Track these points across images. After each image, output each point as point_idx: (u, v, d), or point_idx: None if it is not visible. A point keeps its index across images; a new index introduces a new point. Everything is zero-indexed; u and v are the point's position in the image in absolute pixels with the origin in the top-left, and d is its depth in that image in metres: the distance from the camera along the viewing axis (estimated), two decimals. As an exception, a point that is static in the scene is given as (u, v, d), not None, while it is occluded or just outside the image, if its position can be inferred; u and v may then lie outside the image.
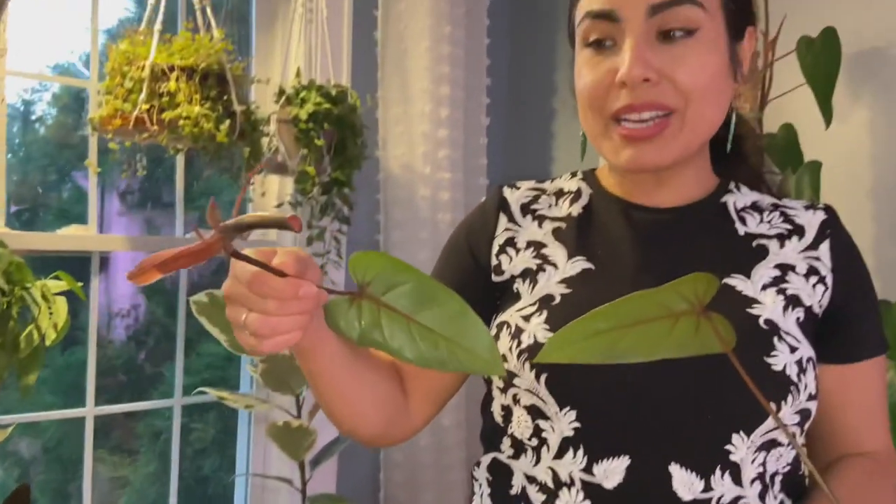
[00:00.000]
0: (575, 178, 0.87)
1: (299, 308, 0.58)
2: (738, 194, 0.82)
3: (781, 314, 0.73)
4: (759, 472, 0.71)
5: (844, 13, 1.62)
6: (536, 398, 0.74)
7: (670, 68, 0.70)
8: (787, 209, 0.81)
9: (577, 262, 0.78)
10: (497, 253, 0.82)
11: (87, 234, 1.68)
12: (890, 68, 1.58)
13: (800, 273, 0.76)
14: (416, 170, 1.92)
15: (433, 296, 0.56)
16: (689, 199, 0.80)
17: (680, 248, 0.78)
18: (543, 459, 0.74)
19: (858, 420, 0.78)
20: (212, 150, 1.47)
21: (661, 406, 0.70)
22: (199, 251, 0.53)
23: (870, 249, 1.59)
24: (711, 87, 0.72)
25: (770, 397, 0.69)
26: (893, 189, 1.57)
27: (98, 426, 1.74)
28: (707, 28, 0.71)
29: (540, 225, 0.83)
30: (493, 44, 2.10)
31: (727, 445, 0.69)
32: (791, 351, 0.71)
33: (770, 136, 1.54)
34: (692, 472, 0.69)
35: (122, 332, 2.08)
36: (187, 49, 1.47)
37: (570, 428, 0.72)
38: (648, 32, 0.71)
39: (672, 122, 0.72)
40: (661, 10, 0.70)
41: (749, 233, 0.79)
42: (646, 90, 0.70)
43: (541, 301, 0.76)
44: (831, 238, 0.79)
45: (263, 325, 0.58)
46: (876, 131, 1.60)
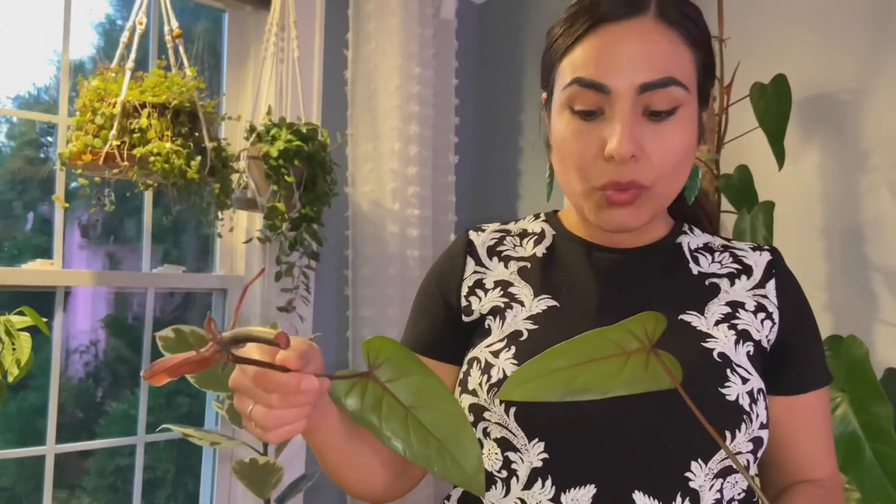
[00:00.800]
0: (538, 219, 0.92)
1: (302, 400, 0.61)
2: (692, 236, 0.88)
3: (733, 348, 0.77)
4: (717, 498, 0.74)
5: (796, 61, 1.70)
6: (506, 430, 0.76)
7: (651, 146, 0.75)
8: (737, 250, 0.86)
9: (542, 300, 0.82)
10: (466, 294, 0.86)
11: (52, 269, 1.67)
12: (839, 113, 1.65)
13: (749, 310, 0.81)
14: (385, 206, 1.95)
15: (435, 395, 0.59)
16: (647, 241, 0.85)
17: (639, 287, 0.82)
18: (513, 490, 0.76)
19: (807, 448, 0.82)
20: (182, 186, 1.48)
21: (625, 436, 0.73)
22: (199, 362, 0.55)
23: (822, 286, 1.64)
24: (681, 164, 0.77)
25: (725, 426, 0.73)
26: (844, 228, 1.63)
27: (57, 465, 1.70)
28: (687, 106, 0.76)
29: (506, 265, 0.86)
30: (461, 84, 2.15)
31: (686, 473, 0.72)
32: (743, 382, 0.75)
33: (726, 177, 1.60)
34: (654, 500, 0.72)
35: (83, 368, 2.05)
36: (159, 86, 1.49)
37: (539, 459, 0.74)
38: (636, 107, 0.74)
39: (642, 194, 0.76)
40: (651, 89, 0.73)
41: (702, 272, 0.84)
42: (629, 167, 0.74)
43: (509, 337, 0.79)
44: (777, 277, 0.84)
45: (268, 417, 0.61)
46: (827, 173, 1.67)
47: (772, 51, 1.75)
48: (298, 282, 1.80)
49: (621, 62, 0.74)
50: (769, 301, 0.82)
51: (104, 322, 1.95)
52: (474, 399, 0.79)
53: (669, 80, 0.74)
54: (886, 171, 1.58)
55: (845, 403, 1.20)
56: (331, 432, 0.72)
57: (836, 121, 1.66)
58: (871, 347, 1.55)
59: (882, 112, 1.59)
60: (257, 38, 1.89)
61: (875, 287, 1.58)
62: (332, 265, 1.99)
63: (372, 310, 1.94)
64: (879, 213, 1.58)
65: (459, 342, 0.85)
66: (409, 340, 0.90)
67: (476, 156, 2.30)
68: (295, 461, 1.84)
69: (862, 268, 1.60)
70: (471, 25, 2.27)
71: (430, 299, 0.89)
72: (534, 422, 0.74)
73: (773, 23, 1.77)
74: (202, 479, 1.92)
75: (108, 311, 2.00)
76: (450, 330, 0.86)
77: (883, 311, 1.56)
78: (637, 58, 0.73)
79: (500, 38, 2.32)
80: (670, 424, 0.72)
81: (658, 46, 0.74)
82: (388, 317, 1.92)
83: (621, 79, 0.73)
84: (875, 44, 1.60)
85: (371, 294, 1.94)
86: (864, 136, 1.62)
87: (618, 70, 0.74)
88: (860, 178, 1.62)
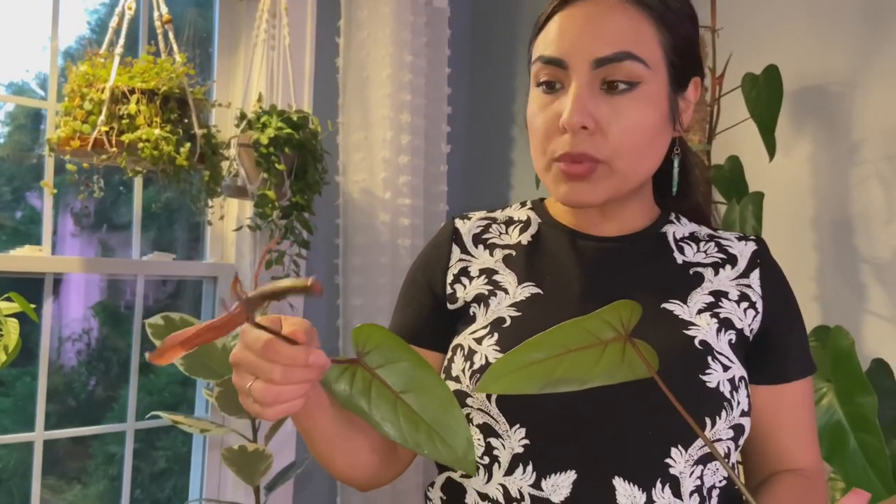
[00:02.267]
0: (524, 207, 0.92)
1: (304, 376, 0.60)
2: (678, 225, 0.88)
3: (715, 336, 0.77)
4: (697, 485, 0.74)
5: (788, 52, 1.70)
6: (488, 417, 0.76)
7: (607, 121, 0.75)
8: (722, 240, 0.86)
9: (526, 287, 0.82)
10: (451, 282, 0.86)
11: (40, 256, 1.66)
12: (830, 104, 1.65)
13: (732, 299, 0.81)
14: (377, 195, 1.94)
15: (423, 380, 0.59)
16: (632, 229, 0.85)
17: (622, 276, 0.82)
18: (495, 477, 0.76)
19: (789, 437, 0.83)
20: (171, 173, 1.48)
21: (605, 422, 0.73)
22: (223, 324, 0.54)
23: (811, 277, 1.65)
24: (642, 143, 0.77)
25: (705, 412, 0.73)
26: (834, 219, 1.64)
27: (48, 451, 1.70)
28: (649, 82, 0.76)
29: (491, 253, 0.87)
30: (453, 73, 2.14)
31: (667, 459, 0.73)
32: (724, 370, 0.75)
33: (717, 168, 1.60)
34: (634, 486, 0.72)
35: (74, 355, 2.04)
36: (148, 72, 1.48)
37: (520, 445, 0.75)
38: (593, 82, 0.76)
39: (599, 169, 0.77)
40: (605, 63, 0.75)
41: (686, 261, 0.84)
42: (582, 139, 0.76)
43: (492, 324, 0.80)
44: (761, 267, 0.84)
45: (268, 392, 0.60)
46: (818, 164, 1.67)
47: (764, 42, 1.75)
48: (289, 270, 1.79)
49: (578, 37, 0.76)
50: (753, 291, 0.82)
51: (94, 309, 1.95)
52: (457, 385, 0.79)
53: (625, 55, 0.75)
54: (876, 163, 1.58)
55: (831, 393, 1.20)
56: (321, 416, 0.72)
57: (827, 112, 1.66)
58: (859, 338, 1.56)
59: (873, 104, 1.59)
60: (248, 24, 1.88)
61: (864, 278, 1.59)
62: (323, 254, 1.98)
63: (362, 298, 1.94)
64: (869, 205, 1.58)
65: (445, 330, 0.85)
66: (396, 328, 0.90)
67: (468, 145, 2.30)
68: (285, 448, 1.85)
69: (851, 259, 1.60)
70: (464, 14, 2.26)
71: (417, 287, 0.89)
72: (515, 408, 0.75)
73: (765, 14, 1.76)
74: (192, 466, 1.92)
75: (100, 299, 1.99)
76: (435, 318, 0.86)
77: (871, 302, 1.57)
78: (594, 32, 0.76)
79: (494, 27, 2.31)
80: (650, 411, 0.72)
81: (616, 22, 0.76)
82: (378, 305, 1.92)
83: (577, 53, 0.76)
84: (867, 36, 1.60)
85: (362, 283, 1.94)
86: (855, 128, 1.62)
87: (574, 45, 0.76)
88: (850, 170, 1.62)
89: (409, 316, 0.88)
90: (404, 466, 0.87)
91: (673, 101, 0.80)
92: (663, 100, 0.78)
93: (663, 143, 0.81)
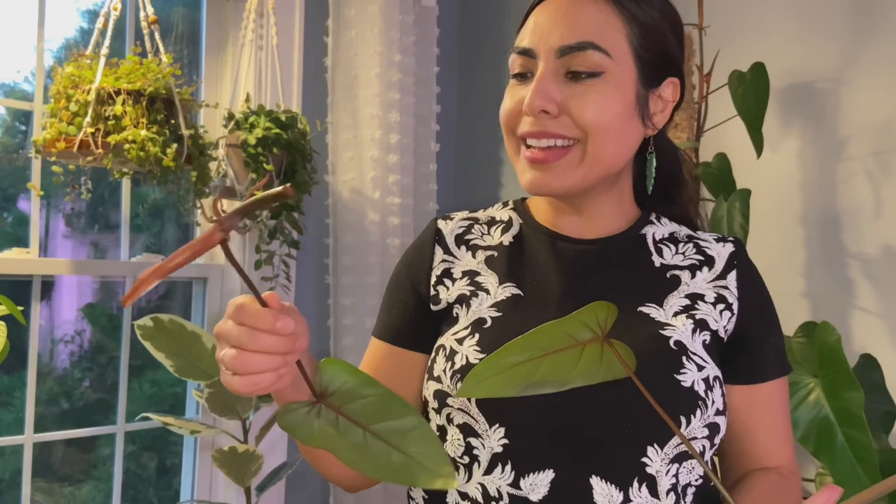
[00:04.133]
0: (506, 207, 0.93)
1: (272, 344, 0.58)
2: (658, 226, 0.88)
3: (690, 336, 0.79)
4: (673, 484, 0.75)
5: (776, 49, 1.71)
6: (468, 416, 0.77)
7: (571, 103, 0.77)
8: (700, 241, 0.87)
9: (507, 287, 0.83)
10: (435, 284, 0.86)
11: (27, 258, 1.65)
12: (818, 101, 1.66)
13: (708, 301, 0.82)
14: (366, 195, 1.94)
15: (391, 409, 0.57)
16: (611, 231, 0.86)
17: (601, 278, 0.83)
18: (474, 476, 0.77)
19: (765, 436, 0.84)
20: (158, 174, 1.47)
21: (583, 422, 0.74)
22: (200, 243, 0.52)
23: (799, 273, 1.66)
24: (611, 125, 0.78)
25: (680, 411, 0.74)
26: (822, 216, 1.64)
27: (40, 455, 1.70)
28: (613, 72, 0.78)
29: (473, 255, 0.87)
30: (442, 72, 2.14)
31: (643, 458, 0.73)
32: (699, 369, 0.76)
33: (705, 165, 1.61)
34: (611, 485, 0.73)
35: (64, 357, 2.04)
36: (134, 73, 1.48)
37: (499, 444, 0.75)
38: (558, 70, 0.79)
39: (572, 151, 0.78)
40: (569, 52, 0.78)
41: (664, 264, 0.85)
42: (545, 121, 0.78)
43: (473, 324, 0.80)
44: (738, 269, 0.85)
45: (237, 359, 0.58)
46: (805, 160, 1.68)
47: (751, 39, 1.75)
48: (279, 270, 1.79)
49: (546, 28, 0.79)
50: (729, 292, 0.83)
51: (84, 311, 1.94)
52: (438, 385, 0.80)
53: (588, 44, 0.77)
54: (863, 159, 1.59)
55: (818, 389, 1.21)
56: None
57: (814, 109, 1.67)
58: (847, 334, 1.57)
59: (860, 100, 1.60)
60: (236, 24, 1.88)
61: (852, 274, 1.59)
62: (312, 253, 1.98)
63: (352, 298, 1.94)
64: (856, 201, 1.59)
65: (429, 331, 0.85)
66: (380, 329, 0.90)
67: (457, 144, 2.30)
68: (276, 449, 1.85)
69: (839, 255, 1.61)
70: (452, 12, 2.26)
71: (401, 288, 0.89)
72: (494, 408, 0.75)
73: (752, 11, 1.77)
74: (183, 467, 1.92)
75: (91, 301, 1.99)
76: (420, 319, 0.86)
77: (859, 298, 1.58)
78: (560, 23, 0.79)
79: (482, 26, 2.31)
80: (627, 410, 0.73)
81: (582, 13, 0.78)
82: (368, 305, 1.92)
83: (543, 43, 0.79)
84: (854, 33, 1.61)
85: (352, 282, 1.94)
86: (842, 124, 1.62)
87: (541, 35, 0.79)
88: (838, 166, 1.63)
89: (393, 317, 0.89)
90: None
91: (642, 97, 0.80)
92: (629, 92, 0.79)
93: (632, 134, 0.81)
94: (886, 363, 1.42)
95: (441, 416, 0.81)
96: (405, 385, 0.86)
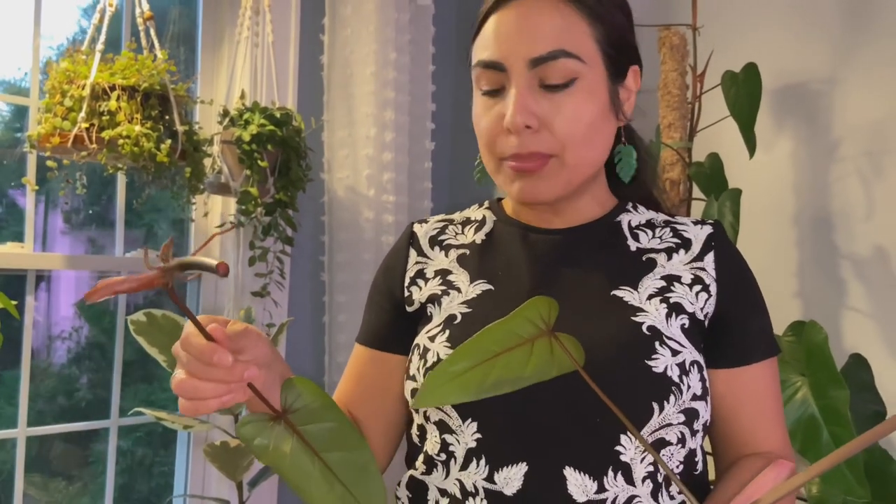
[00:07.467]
0: (482, 207, 0.93)
1: (219, 376, 0.62)
2: (635, 213, 0.88)
3: (665, 321, 0.78)
4: (650, 471, 0.74)
5: (769, 50, 1.71)
6: (443, 413, 0.78)
7: (550, 116, 0.77)
8: (678, 225, 0.86)
9: (478, 284, 0.83)
10: (408, 285, 0.87)
11: (21, 252, 1.66)
12: (811, 101, 1.67)
13: (684, 283, 0.81)
14: (361, 192, 1.95)
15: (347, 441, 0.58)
16: (584, 220, 0.86)
17: (573, 265, 0.83)
18: (452, 472, 0.77)
19: (752, 421, 0.82)
20: (152, 170, 1.48)
21: (553, 413, 0.74)
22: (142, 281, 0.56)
23: (792, 273, 1.66)
24: (587, 133, 0.78)
25: (653, 397, 0.73)
26: (814, 216, 1.65)
27: (34, 448, 1.70)
28: (586, 77, 0.78)
29: (446, 254, 0.88)
30: (437, 70, 2.14)
31: (616, 447, 0.73)
32: (673, 354, 0.75)
33: (698, 165, 1.61)
34: (585, 475, 0.73)
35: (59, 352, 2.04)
36: (129, 69, 1.48)
37: (473, 439, 0.76)
38: (531, 82, 0.77)
39: (551, 163, 0.78)
40: (541, 62, 0.76)
41: (640, 248, 0.84)
42: (528, 137, 0.77)
43: (444, 321, 0.81)
44: (716, 250, 0.83)
45: (183, 384, 0.62)
46: (798, 160, 1.68)
47: (745, 40, 1.76)
48: (273, 266, 1.80)
49: (512, 39, 0.77)
50: (707, 273, 0.82)
51: (78, 306, 1.95)
52: (414, 384, 0.80)
53: (559, 53, 0.76)
54: (856, 159, 1.59)
55: (805, 387, 1.22)
56: None
57: (807, 109, 1.67)
58: (838, 333, 1.57)
59: (853, 101, 1.60)
60: (232, 21, 1.88)
61: (843, 274, 1.60)
62: (308, 250, 1.99)
63: (347, 295, 1.94)
64: (848, 202, 1.60)
65: (408, 333, 0.85)
66: (362, 334, 0.91)
67: (452, 142, 2.31)
68: (269, 445, 1.85)
69: (831, 255, 1.62)
70: (448, 11, 2.26)
71: (379, 292, 0.91)
72: (466, 403, 0.75)
73: (746, 11, 1.77)
74: (176, 462, 1.92)
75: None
76: (397, 321, 0.87)
77: (850, 298, 1.58)
78: (527, 33, 0.77)
79: (479, 25, 2.31)
80: (597, 399, 0.73)
81: (548, 21, 0.77)
82: (362, 302, 1.91)
83: (513, 55, 0.77)
84: (847, 34, 1.61)
85: (346, 279, 1.95)
86: (835, 124, 1.63)
87: (509, 47, 0.77)
88: (830, 167, 1.64)
89: (372, 322, 0.90)
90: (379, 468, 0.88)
91: (613, 92, 0.81)
92: (602, 91, 0.79)
93: (608, 133, 0.82)
94: (876, 363, 1.42)
95: (420, 416, 0.82)
96: (389, 388, 0.87)
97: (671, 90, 1.62)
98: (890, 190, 1.54)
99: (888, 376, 1.46)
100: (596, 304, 0.78)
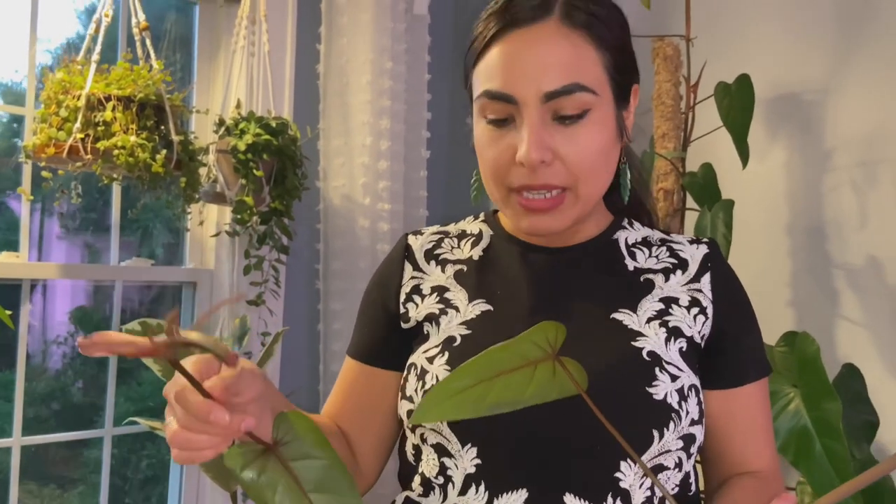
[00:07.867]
0: (477, 220, 0.92)
1: (206, 430, 0.59)
2: (631, 230, 0.88)
3: (664, 345, 0.78)
4: (648, 496, 0.74)
5: (763, 60, 1.72)
6: (441, 437, 0.77)
7: (563, 149, 0.75)
8: (674, 244, 0.86)
9: (477, 304, 0.82)
10: (404, 301, 0.86)
11: (16, 262, 1.66)
12: (804, 111, 1.67)
13: (682, 305, 0.81)
14: (356, 201, 1.95)
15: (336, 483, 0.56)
16: (583, 238, 0.86)
17: (572, 287, 0.82)
18: (449, 497, 0.77)
19: (745, 441, 0.83)
20: (147, 180, 1.48)
21: (554, 440, 0.73)
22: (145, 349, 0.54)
23: (785, 283, 1.67)
24: (599, 162, 0.77)
25: (653, 424, 0.73)
26: (808, 226, 1.65)
27: (28, 457, 1.70)
28: (597, 108, 0.76)
29: (443, 269, 0.87)
30: (433, 79, 2.15)
31: (616, 473, 0.73)
32: (672, 380, 0.75)
33: (691, 175, 1.62)
34: (585, 501, 0.72)
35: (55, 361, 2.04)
36: (125, 79, 1.49)
37: (472, 465, 0.75)
38: (544, 115, 0.75)
39: (567, 197, 0.77)
40: (556, 96, 0.74)
41: (638, 267, 0.84)
42: (542, 170, 0.75)
43: (443, 343, 0.80)
44: (712, 271, 0.84)
45: (176, 436, 0.59)
46: (791, 171, 1.69)
47: (739, 51, 1.77)
48: (268, 275, 1.80)
49: (525, 71, 0.74)
50: (703, 295, 0.82)
51: (73, 315, 1.95)
52: (411, 405, 0.80)
53: (574, 87, 0.74)
54: (849, 169, 1.60)
55: (798, 399, 1.22)
56: None
57: (801, 120, 1.68)
58: (831, 343, 1.58)
59: (846, 111, 1.61)
60: (228, 30, 1.89)
61: (836, 284, 1.61)
62: (304, 259, 1.99)
63: (342, 303, 1.95)
64: (841, 212, 1.60)
65: (401, 349, 0.85)
66: (353, 348, 0.90)
67: (448, 151, 2.31)
68: (264, 454, 1.85)
69: (824, 265, 1.62)
70: (444, 21, 2.27)
71: (372, 306, 0.89)
72: (466, 428, 0.75)
73: (740, 23, 1.78)
74: (170, 472, 1.92)
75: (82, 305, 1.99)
76: (390, 337, 0.86)
77: (844, 308, 1.59)
78: (540, 66, 0.74)
79: (475, 34, 2.32)
80: (597, 427, 0.73)
81: (562, 52, 0.74)
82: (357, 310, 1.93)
83: (526, 88, 0.74)
84: (840, 44, 1.62)
85: (342, 287, 1.95)
86: (828, 135, 1.64)
87: (522, 80, 0.74)
88: (824, 177, 1.64)
89: (365, 335, 0.89)
90: (367, 487, 0.88)
91: (620, 118, 0.80)
92: (611, 120, 0.79)
93: (615, 158, 0.82)
94: (869, 373, 1.43)
95: (416, 436, 0.81)
96: (379, 404, 0.86)
97: (665, 101, 1.63)
98: (883, 200, 1.54)
99: (881, 386, 1.47)
100: (596, 328, 0.78)
